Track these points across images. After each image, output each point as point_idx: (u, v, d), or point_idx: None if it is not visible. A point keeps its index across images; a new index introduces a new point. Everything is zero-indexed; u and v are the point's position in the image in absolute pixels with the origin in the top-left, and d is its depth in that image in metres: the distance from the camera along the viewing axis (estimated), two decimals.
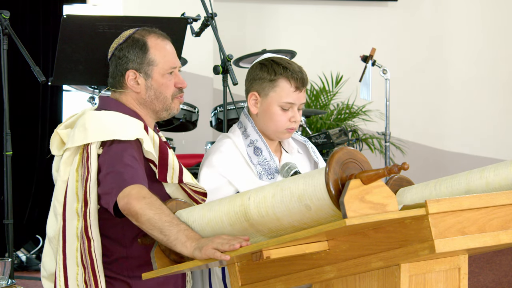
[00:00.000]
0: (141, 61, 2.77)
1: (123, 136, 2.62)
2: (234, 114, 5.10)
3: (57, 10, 6.03)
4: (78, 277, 2.63)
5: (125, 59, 2.78)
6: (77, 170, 2.65)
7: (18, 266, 5.38)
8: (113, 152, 2.61)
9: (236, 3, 7.69)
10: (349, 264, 2.27)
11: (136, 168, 2.58)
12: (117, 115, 2.72)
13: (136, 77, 2.77)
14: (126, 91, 2.80)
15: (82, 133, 2.66)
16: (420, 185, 2.82)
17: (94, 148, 2.63)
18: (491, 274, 5.32)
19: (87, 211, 2.60)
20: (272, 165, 3.01)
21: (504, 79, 8.05)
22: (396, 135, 7.48)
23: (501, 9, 8.04)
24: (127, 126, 2.67)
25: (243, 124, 3.06)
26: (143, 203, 2.46)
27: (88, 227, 2.61)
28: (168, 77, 2.80)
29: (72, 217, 2.64)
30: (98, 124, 2.66)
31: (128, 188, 2.50)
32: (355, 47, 7.33)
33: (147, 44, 2.78)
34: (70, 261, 2.64)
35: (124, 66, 2.78)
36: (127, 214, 2.49)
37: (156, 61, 2.77)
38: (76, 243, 2.63)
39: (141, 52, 2.77)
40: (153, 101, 2.79)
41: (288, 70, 2.96)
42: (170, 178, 2.70)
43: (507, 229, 2.30)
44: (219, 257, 2.30)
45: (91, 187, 2.60)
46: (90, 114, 2.70)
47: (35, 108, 5.88)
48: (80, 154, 2.66)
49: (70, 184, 2.66)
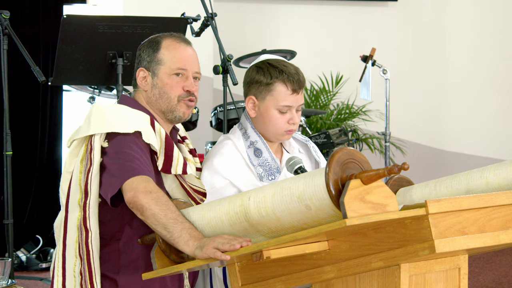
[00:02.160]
0: (150, 59, 2.81)
1: (122, 128, 2.65)
2: (234, 114, 5.09)
3: (57, 10, 6.03)
4: (75, 268, 2.63)
5: (140, 58, 2.85)
6: (81, 161, 2.67)
7: (18, 266, 5.38)
8: (117, 144, 2.63)
9: (236, 3, 7.69)
10: (349, 264, 2.27)
11: (140, 159, 2.60)
12: (122, 108, 2.75)
13: (145, 75, 2.82)
14: (139, 90, 2.85)
15: (86, 125, 2.69)
16: (420, 185, 2.82)
17: (97, 140, 2.65)
18: (491, 274, 5.32)
19: (86, 202, 2.62)
20: (273, 166, 3.00)
21: (504, 79, 8.05)
22: (396, 135, 7.48)
23: (500, 9, 8.04)
24: (128, 119, 2.69)
25: (243, 125, 3.06)
26: (150, 198, 2.47)
27: (87, 218, 2.62)
28: (174, 78, 2.81)
29: (73, 209, 2.65)
30: (101, 117, 2.69)
31: (135, 180, 2.52)
32: (355, 47, 7.33)
33: (161, 44, 2.82)
34: (69, 252, 2.65)
35: (138, 65, 2.85)
36: (133, 207, 2.50)
37: (164, 60, 2.80)
38: (76, 234, 2.64)
39: (152, 51, 2.82)
40: (157, 100, 2.81)
41: (284, 73, 2.96)
42: (174, 169, 2.71)
43: (507, 229, 2.30)
44: (220, 256, 2.30)
45: (93, 178, 2.61)
46: (96, 107, 2.74)
47: (35, 108, 5.88)
48: (85, 146, 2.68)
49: (74, 176, 2.68)
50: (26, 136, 5.82)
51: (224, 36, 4.80)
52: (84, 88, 5.35)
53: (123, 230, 2.70)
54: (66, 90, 6.05)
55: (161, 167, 2.70)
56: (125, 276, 2.70)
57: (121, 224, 2.70)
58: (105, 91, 5.33)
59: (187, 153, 2.91)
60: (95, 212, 2.64)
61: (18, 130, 5.18)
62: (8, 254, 3.93)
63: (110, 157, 2.62)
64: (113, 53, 4.30)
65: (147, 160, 2.63)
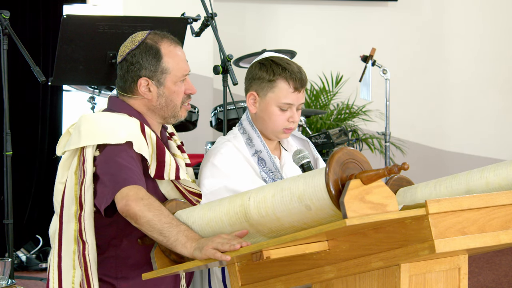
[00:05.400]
0: (154, 69, 2.74)
1: (113, 140, 2.61)
2: (234, 114, 5.10)
3: (57, 10, 6.04)
4: (74, 279, 2.62)
5: (138, 65, 2.75)
6: (75, 172, 2.66)
7: (18, 266, 5.38)
8: (108, 153, 2.61)
9: (236, 3, 7.69)
10: (349, 264, 2.27)
11: (132, 168, 2.57)
12: (111, 117, 2.71)
13: (148, 84, 2.75)
14: (136, 97, 2.78)
15: (76, 136, 2.66)
16: (420, 185, 2.82)
17: (90, 151, 2.63)
18: (491, 274, 5.33)
19: (82, 215, 2.60)
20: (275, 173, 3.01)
21: (504, 79, 8.05)
22: (396, 135, 7.48)
23: (501, 9, 8.04)
24: (119, 128, 2.65)
25: (246, 130, 3.05)
26: (142, 205, 2.46)
27: (83, 231, 2.61)
28: (179, 84, 2.78)
29: (69, 220, 2.64)
30: (91, 128, 2.65)
31: (126, 189, 2.50)
32: (355, 47, 7.33)
33: (161, 51, 2.74)
34: (65, 263, 2.64)
35: (136, 73, 2.75)
36: (126, 216, 2.49)
37: (170, 69, 2.75)
38: (74, 246, 2.63)
39: (154, 60, 2.74)
40: (163, 108, 2.78)
41: (287, 71, 2.96)
42: (167, 174, 2.70)
43: (507, 229, 2.30)
44: (220, 257, 2.30)
45: (86, 190, 2.60)
46: (85, 117, 2.69)
47: (35, 108, 5.88)
48: (78, 157, 2.66)
49: (69, 187, 2.66)
50: (26, 136, 5.82)
51: (224, 36, 4.80)
52: (84, 88, 5.35)
53: (120, 236, 2.70)
54: (66, 90, 6.06)
55: (154, 174, 2.68)
56: (124, 281, 2.70)
57: (118, 230, 2.69)
58: (105, 91, 5.33)
59: (176, 148, 2.90)
60: (91, 224, 2.62)
61: (18, 130, 5.18)
62: (8, 254, 3.94)
63: (101, 167, 2.60)
64: (113, 53, 4.30)
65: (138, 169, 2.60)
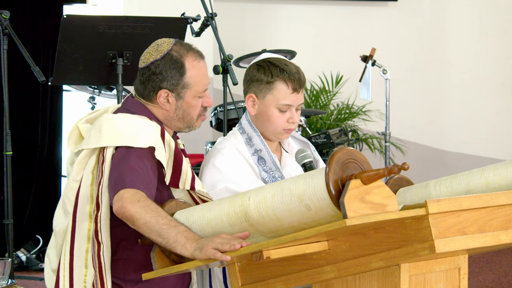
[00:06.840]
0: (176, 83, 2.72)
1: (135, 143, 2.60)
2: (234, 114, 5.10)
3: (57, 10, 6.03)
4: (86, 278, 2.62)
5: (161, 77, 2.72)
6: (92, 172, 2.64)
7: (18, 266, 5.38)
8: (122, 154, 2.60)
9: (236, 3, 7.69)
10: (349, 264, 2.27)
11: (140, 172, 2.55)
12: (133, 119, 2.69)
13: (167, 96, 2.74)
14: (155, 105, 2.77)
15: (96, 135, 2.64)
16: (420, 185, 2.82)
17: (110, 152, 2.61)
18: (491, 274, 5.33)
19: (98, 215, 2.59)
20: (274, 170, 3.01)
21: (504, 79, 8.05)
22: (396, 135, 7.47)
23: (500, 9, 8.04)
24: (141, 132, 2.63)
25: (246, 130, 3.05)
26: (138, 207, 2.45)
27: (99, 231, 2.59)
28: (198, 99, 2.77)
29: (83, 219, 2.63)
30: (113, 128, 2.64)
31: (123, 191, 2.48)
32: (355, 47, 7.33)
33: (185, 66, 2.73)
34: (77, 262, 2.63)
35: (158, 83, 2.73)
36: (123, 218, 2.48)
37: (191, 84, 2.74)
38: (87, 245, 2.62)
39: (178, 74, 2.72)
40: (179, 120, 2.77)
41: (285, 72, 2.96)
42: (183, 184, 2.69)
43: (507, 229, 2.31)
44: (220, 257, 2.30)
45: (103, 190, 2.59)
46: (108, 117, 2.67)
47: (35, 108, 5.88)
48: (96, 156, 2.65)
49: (84, 185, 2.65)
50: (26, 136, 5.82)
51: (224, 36, 4.80)
52: (84, 88, 5.35)
53: (130, 238, 2.68)
54: (66, 90, 6.05)
55: (169, 181, 2.67)
56: (132, 284, 2.69)
57: (127, 232, 2.68)
58: (105, 91, 5.33)
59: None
60: (107, 225, 2.61)
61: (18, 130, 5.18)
62: (8, 254, 3.94)
63: (112, 166, 2.58)
64: (113, 53, 4.30)
65: (147, 174, 2.58)
